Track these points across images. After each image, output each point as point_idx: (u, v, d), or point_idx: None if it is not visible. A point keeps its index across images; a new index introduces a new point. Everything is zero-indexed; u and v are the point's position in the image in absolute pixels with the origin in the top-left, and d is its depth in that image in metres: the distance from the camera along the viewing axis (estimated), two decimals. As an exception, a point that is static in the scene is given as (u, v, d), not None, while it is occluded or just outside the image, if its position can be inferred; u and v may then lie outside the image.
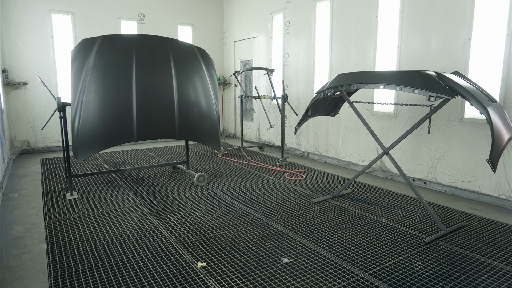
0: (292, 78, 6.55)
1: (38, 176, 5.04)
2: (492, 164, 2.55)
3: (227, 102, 8.99)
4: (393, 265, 2.56)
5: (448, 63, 4.11)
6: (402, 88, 2.98)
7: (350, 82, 3.43)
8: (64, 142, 4.06)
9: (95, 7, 7.01)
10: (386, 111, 4.95)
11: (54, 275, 2.42)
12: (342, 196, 4.15)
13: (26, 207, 3.78)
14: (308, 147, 6.43)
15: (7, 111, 6.26)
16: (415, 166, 4.62)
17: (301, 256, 2.68)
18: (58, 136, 6.76)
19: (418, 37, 4.41)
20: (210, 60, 4.78)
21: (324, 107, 4.17)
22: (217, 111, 4.69)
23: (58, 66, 6.76)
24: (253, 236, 3.04)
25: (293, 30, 6.44)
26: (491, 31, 3.78)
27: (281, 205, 3.82)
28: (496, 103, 2.98)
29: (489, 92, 3.33)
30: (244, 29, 7.96)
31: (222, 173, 5.20)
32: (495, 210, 3.72)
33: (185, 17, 8.14)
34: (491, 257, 2.70)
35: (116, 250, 2.78)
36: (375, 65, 4.98)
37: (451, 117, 4.15)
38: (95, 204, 3.85)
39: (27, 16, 6.43)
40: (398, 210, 3.70)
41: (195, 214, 3.56)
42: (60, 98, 3.94)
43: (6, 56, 6.29)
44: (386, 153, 3.56)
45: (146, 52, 4.24)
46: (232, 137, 8.93)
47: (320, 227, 3.25)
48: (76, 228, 3.20)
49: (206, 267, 2.52)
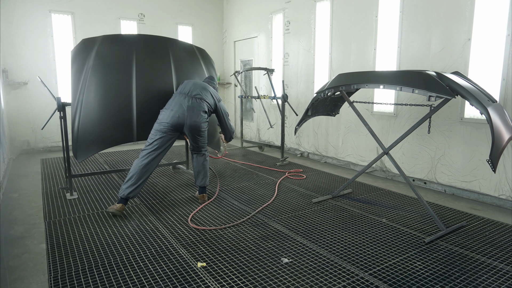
0: (292, 78, 6.56)
1: (38, 176, 5.04)
2: (492, 164, 2.55)
3: (227, 102, 8.99)
4: (393, 265, 2.56)
5: (448, 63, 4.11)
6: (402, 88, 2.98)
7: (350, 82, 3.43)
8: (64, 142, 4.06)
9: (95, 7, 7.01)
10: (386, 111, 4.95)
11: (54, 275, 2.42)
12: (342, 196, 4.15)
13: (26, 207, 3.78)
14: (308, 147, 6.43)
15: (7, 111, 6.26)
16: (415, 166, 4.62)
17: (301, 256, 2.68)
18: (58, 136, 6.76)
19: (418, 37, 4.41)
20: (210, 60, 4.78)
21: (324, 107, 4.17)
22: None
23: (58, 66, 6.76)
24: (253, 236, 3.04)
25: (293, 30, 6.44)
26: (491, 31, 3.78)
27: (281, 205, 3.82)
28: (496, 103, 2.98)
29: (489, 92, 3.33)
30: (244, 29, 7.96)
31: (222, 173, 5.20)
32: (495, 210, 3.72)
33: (185, 17, 8.14)
34: (491, 257, 2.70)
35: (116, 250, 2.78)
36: (375, 65, 4.98)
37: (451, 117, 4.15)
38: (95, 204, 3.85)
39: (27, 16, 6.43)
40: (398, 210, 3.70)
41: (195, 214, 3.56)
42: (60, 98, 3.94)
43: (6, 56, 6.28)
44: (386, 153, 3.56)
45: (146, 52, 4.24)
46: (232, 137, 8.93)
47: (320, 227, 3.25)
48: (76, 228, 3.20)
49: (206, 267, 2.52)
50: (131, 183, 3.49)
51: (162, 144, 3.63)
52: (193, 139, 3.82)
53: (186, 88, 3.85)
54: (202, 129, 3.78)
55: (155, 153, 3.59)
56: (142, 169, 3.53)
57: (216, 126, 4.64)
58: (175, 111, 3.66)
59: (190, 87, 3.86)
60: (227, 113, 4.14)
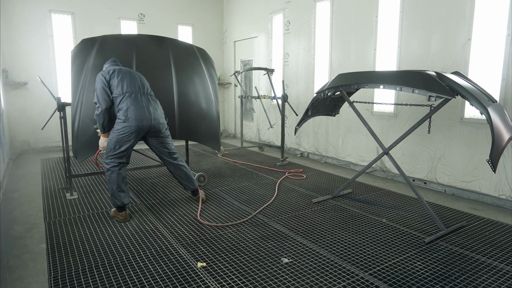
0: (292, 78, 6.56)
1: (38, 176, 5.04)
2: (492, 164, 2.55)
3: (227, 102, 8.99)
4: (393, 265, 2.56)
5: (448, 63, 4.11)
6: (402, 88, 2.98)
7: (350, 82, 3.43)
8: (64, 142, 4.06)
9: (95, 7, 7.01)
10: (386, 111, 4.95)
11: (54, 275, 2.42)
12: (342, 196, 4.15)
13: (26, 207, 3.78)
14: (308, 147, 6.43)
15: (7, 111, 6.26)
16: (415, 166, 4.62)
17: (301, 256, 2.68)
18: (58, 136, 6.75)
19: (418, 37, 4.41)
20: (210, 60, 4.78)
21: (324, 107, 4.17)
22: (217, 111, 4.69)
23: (58, 66, 6.76)
24: (253, 236, 3.04)
25: (293, 30, 6.44)
26: (491, 31, 3.78)
27: (281, 205, 3.82)
28: (496, 103, 2.98)
29: (489, 92, 3.33)
30: (244, 29, 7.96)
31: (222, 173, 5.20)
32: (495, 210, 3.72)
33: (185, 17, 8.14)
34: (491, 257, 2.69)
35: (116, 250, 2.78)
36: (375, 65, 4.98)
37: (451, 117, 4.15)
38: (95, 204, 3.85)
39: (27, 16, 6.43)
40: (398, 210, 3.70)
41: (195, 214, 3.56)
42: (60, 98, 3.94)
43: (6, 56, 6.29)
44: (386, 153, 3.56)
45: (146, 52, 4.24)
46: (232, 137, 8.93)
47: (320, 227, 3.25)
48: (76, 228, 3.19)
49: (206, 267, 2.52)
50: (117, 194, 3.34)
51: (127, 152, 3.38)
52: (160, 143, 3.58)
53: (135, 84, 3.38)
54: (166, 130, 3.59)
55: (125, 160, 3.39)
56: (121, 179, 3.35)
57: (217, 125, 4.64)
58: (137, 115, 3.29)
59: (136, 82, 3.41)
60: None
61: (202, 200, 3.88)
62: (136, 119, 3.27)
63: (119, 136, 3.27)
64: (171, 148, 3.71)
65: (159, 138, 3.57)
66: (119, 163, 3.33)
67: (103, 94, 3.28)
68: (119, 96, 3.29)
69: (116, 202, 3.34)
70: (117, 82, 3.31)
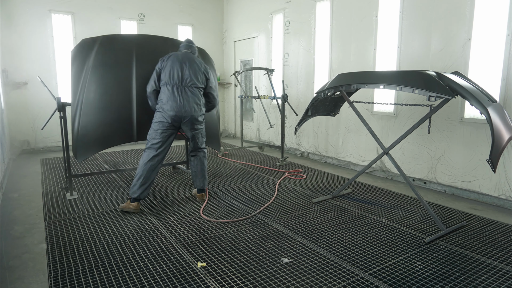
0: (292, 78, 6.56)
1: (38, 176, 5.04)
2: (492, 164, 2.55)
3: (227, 102, 8.99)
4: (393, 265, 2.56)
5: (448, 63, 4.11)
6: (402, 88, 2.98)
7: (350, 82, 3.43)
8: (64, 142, 4.06)
9: (95, 7, 7.01)
10: (386, 111, 4.95)
11: (54, 275, 2.42)
12: (342, 196, 4.16)
13: (26, 207, 3.78)
14: (308, 147, 6.43)
15: (7, 111, 6.26)
16: (415, 166, 4.62)
17: (301, 256, 2.68)
18: (58, 136, 6.75)
19: (418, 37, 4.41)
20: (210, 60, 4.78)
21: (324, 107, 4.17)
22: (217, 111, 4.69)
23: (58, 66, 6.76)
24: (253, 236, 3.05)
25: (293, 30, 6.44)
26: (491, 31, 3.78)
27: (281, 205, 3.82)
28: (496, 103, 2.98)
29: (489, 92, 3.33)
30: (244, 29, 7.96)
31: (222, 173, 5.20)
32: (495, 210, 3.72)
33: (185, 17, 8.14)
34: (491, 257, 2.70)
35: (116, 250, 2.78)
36: (375, 65, 4.98)
37: (451, 117, 4.15)
38: (95, 204, 3.86)
39: (27, 16, 6.43)
40: (398, 210, 3.70)
41: (195, 214, 3.56)
42: (60, 98, 3.94)
43: (6, 56, 6.28)
44: (386, 153, 3.56)
45: (146, 52, 4.24)
46: (232, 137, 8.94)
47: (320, 227, 3.25)
48: (76, 228, 3.20)
49: (206, 267, 2.52)
50: (141, 183, 3.53)
51: (164, 142, 3.64)
52: (191, 135, 3.79)
53: (176, 76, 3.61)
54: (200, 122, 3.77)
55: (160, 152, 3.61)
56: (150, 170, 3.56)
57: (217, 125, 4.64)
58: (170, 106, 3.56)
59: (178, 74, 3.61)
60: (217, 85, 4.12)
61: (201, 200, 3.91)
62: (169, 111, 3.56)
63: (154, 125, 3.62)
64: (199, 142, 3.89)
65: (190, 131, 3.76)
66: (155, 153, 3.60)
67: (152, 79, 3.69)
68: (162, 85, 3.65)
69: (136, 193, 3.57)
70: (164, 72, 3.65)
